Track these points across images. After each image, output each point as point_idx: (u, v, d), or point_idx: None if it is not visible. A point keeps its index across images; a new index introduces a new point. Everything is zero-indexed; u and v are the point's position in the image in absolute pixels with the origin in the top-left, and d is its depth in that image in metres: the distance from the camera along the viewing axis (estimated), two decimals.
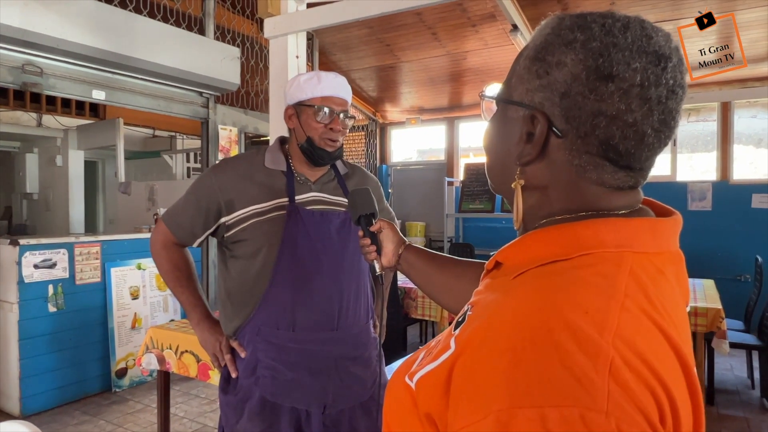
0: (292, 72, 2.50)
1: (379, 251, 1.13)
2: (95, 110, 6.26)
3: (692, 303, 3.40)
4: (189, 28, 4.08)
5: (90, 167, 7.06)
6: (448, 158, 7.20)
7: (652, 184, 5.49)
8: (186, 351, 2.48)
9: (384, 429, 0.58)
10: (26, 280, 3.43)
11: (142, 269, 4.15)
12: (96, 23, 3.31)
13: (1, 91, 5.33)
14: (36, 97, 5.67)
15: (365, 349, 1.52)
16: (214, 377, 2.36)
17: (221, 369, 1.50)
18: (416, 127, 7.49)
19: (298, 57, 2.55)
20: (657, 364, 0.43)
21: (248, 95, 5.30)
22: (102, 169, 7.57)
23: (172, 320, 3.59)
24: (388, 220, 1.19)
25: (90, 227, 7.06)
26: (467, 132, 7.17)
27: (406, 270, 1.10)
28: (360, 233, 1.16)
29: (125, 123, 5.32)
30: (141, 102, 3.90)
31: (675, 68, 0.51)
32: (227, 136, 4.62)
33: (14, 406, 3.45)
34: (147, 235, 4.12)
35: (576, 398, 0.39)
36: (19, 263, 3.40)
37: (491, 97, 0.62)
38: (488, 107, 0.63)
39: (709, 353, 3.54)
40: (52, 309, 3.58)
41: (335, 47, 6.01)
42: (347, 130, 1.50)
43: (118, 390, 3.92)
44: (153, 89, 3.94)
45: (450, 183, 6.67)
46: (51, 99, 5.77)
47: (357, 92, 6.89)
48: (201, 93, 4.32)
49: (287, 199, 1.44)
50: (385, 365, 1.65)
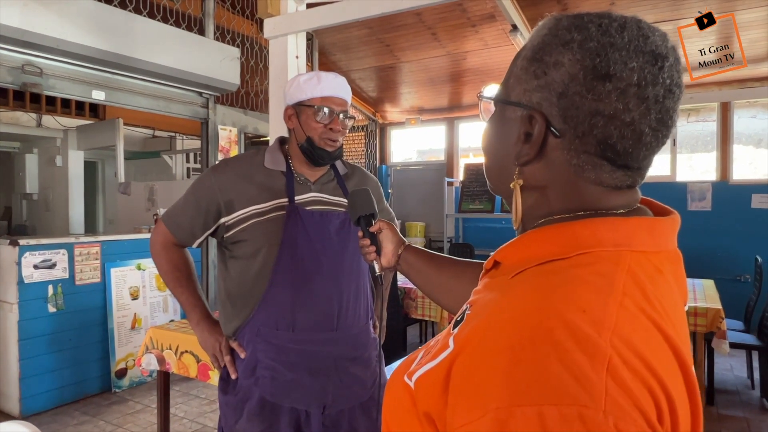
0: (292, 72, 2.50)
1: (379, 252, 1.13)
2: (95, 110, 6.26)
3: (692, 303, 3.40)
4: (189, 29, 4.08)
5: (90, 167, 7.06)
6: (448, 158, 7.20)
7: (652, 185, 5.49)
8: (186, 351, 2.48)
9: (383, 428, 0.58)
10: (26, 281, 3.43)
11: (142, 269, 4.15)
12: (96, 23, 3.31)
13: (1, 92, 5.33)
14: (36, 98, 5.67)
15: (365, 350, 1.52)
16: (214, 377, 2.36)
17: (221, 369, 1.50)
18: (416, 128, 7.49)
19: (298, 57, 2.55)
20: (655, 363, 0.43)
21: (248, 95, 5.30)
22: (102, 170, 7.58)
23: (172, 320, 3.59)
24: (388, 221, 1.19)
25: (90, 227, 7.06)
26: (467, 132, 7.17)
27: (406, 270, 1.10)
28: (359, 234, 1.17)
29: (125, 123, 5.33)
30: (141, 102, 3.90)
31: (672, 67, 0.51)
32: (227, 137, 4.62)
33: (14, 407, 3.44)
34: (147, 236, 4.12)
35: (574, 397, 0.39)
36: (19, 263, 3.40)
37: (489, 98, 0.62)
38: (486, 108, 0.64)
39: (709, 353, 3.53)
40: (52, 309, 3.58)
41: (335, 47, 6.01)
42: (347, 131, 1.50)
43: (118, 390, 3.92)
44: (153, 89, 3.94)
45: (450, 183, 6.67)
46: (51, 99, 5.77)
47: (357, 92, 6.89)
48: (201, 93, 4.32)
49: (287, 200, 1.44)
50: (385, 365, 1.65)
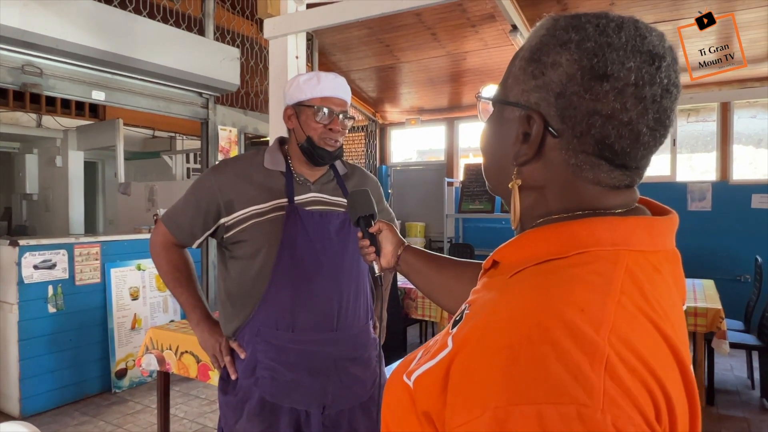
0: (292, 72, 2.50)
1: (378, 252, 1.13)
2: (95, 111, 6.26)
3: (692, 303, 3.39)
4: (189, 29, 4.08)
5: (90, 168, 7.07)
6: (448, 159, 7.20)
7: (652, 185, 5.49)
8: (186, 351, 2.48)
9: (382, 428, 0.58)
10: (26, 281, 3.43)
11: (142, 270, 4.15)
12: (96, 24, 3.31)
13: (1, 92, 5.33)
14: (36, 98, 5.67)
15: (365, 350, 1.52)
16: (214, 378, 2.36)
17: (221, 370, 1.50)
18: (416, 128, 7.50)
19: (298, 57, 2.55)
20: (653, 361, 0.43)
21: (248, 96, 5.30)
22: (102, 170, 7.58)
23: (172, 321, 3.60)
24: (387, 222, 1.19)
25: (90, 228, 7.06)
26: (467, 132, 7.17)
27: (405, 271, 1.10)
28: (359, 234, 1.17)
29: (125, 124, 5.33)
30: (141, 102, 3.90)
31: (669, 67, 0.51)
32: (227, 137, 4.62)
33: (14, 407, 3.44)
34: (147, 236, 4.12)
35: (572, 395, 0.39)
36: (19, 264, 3.40)
37: (488, 99, 0.63)
38: (485, 108, 0.64)
39: (709, 353, 3.53)
40: (52, 310, 3.58)
41: (335, 48, 6.01)
42: (346, 131, 1.50)
43: (118, 391, 3.92)
44: (153, 90, 3.95)
45: (450, 183, 6.67)
46: (51, 100, 5.77)
47: (357, 93, 6.89)
48: (201, 93, 4.32)
49: (286, 200, 1.44)
50: (385, 366, 1.65)
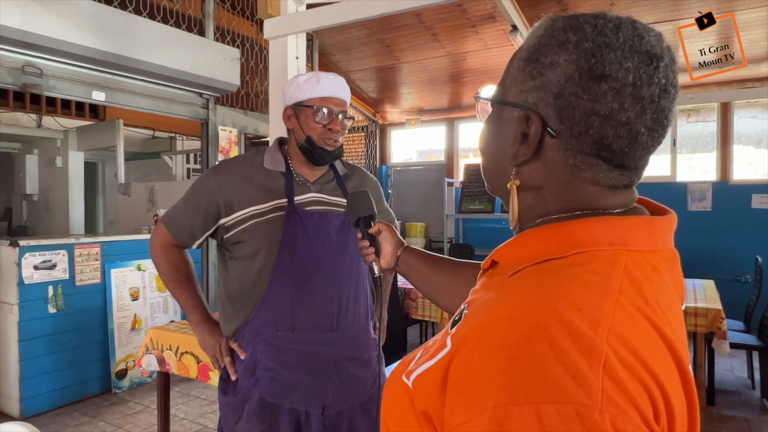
0: (292, 73, 2.50)
1: (378, 253, 1.13)
2: (95, 111, 6.27)
3: (693, 303, 3.40)
4: (189, 30, 4.08)
5: (90, 168, 7.07)
6: (448, 159, 7.20)
7: (652, 185, 5.49)
8: (186, 352, 2.48)
9: (381, 427, 0.58)
10: (26, 282, 3.43)
11: (142, 270, 4.15)
12: (96, 24, 3.31)
13: (1, 93, 5.33)
14: (36, 99, 5.68)
15: (365, 350, 1.52)
16: (215, 378, 2.36)
17: (221, 370, 1.50)
18: (416, 128, 7.50)
19: (298, 58, 2.55)
20: (651, 361, 0.43)
21: (248, 96, 5.30)
22: (102, 170, 7.58)
23: (172, 321, 3.59)
24: (387, 222, 1.19)
25: (90, 228, 7.07)
26: (467, 133, 7.17)
27: (405, 272, 1.10)
28: (359, 235, 1.17)
29: (125, 124, 5.35)
30: (141, 103, 3.90)
31: (667, 67, 0.52)
32: (227, 137, 4.63)
33: (14, 408, 3.44)
34: (147, 236, 4.12)
35: (571, 395, 0.39)
36: (19, 264, 3.40)
37: (486, 99, 0.63)
38: (483, 109, 0.64)
39: (710, 353, 3.53)
40: (52, 310, 3.59)
41: (335, 48, 6.02)
42: (346, 131, 1.50)
43: (118, 391, 3.92)
44: (153, 90, 3.95)
45: (450, 184, 6.67)
46: (51, 100, 5.78)
47: (357, 93, 6.89)
48: (201, 94, 4.32)
49: (286, 200, 1.44)
50: (385, 366, 1.65)
